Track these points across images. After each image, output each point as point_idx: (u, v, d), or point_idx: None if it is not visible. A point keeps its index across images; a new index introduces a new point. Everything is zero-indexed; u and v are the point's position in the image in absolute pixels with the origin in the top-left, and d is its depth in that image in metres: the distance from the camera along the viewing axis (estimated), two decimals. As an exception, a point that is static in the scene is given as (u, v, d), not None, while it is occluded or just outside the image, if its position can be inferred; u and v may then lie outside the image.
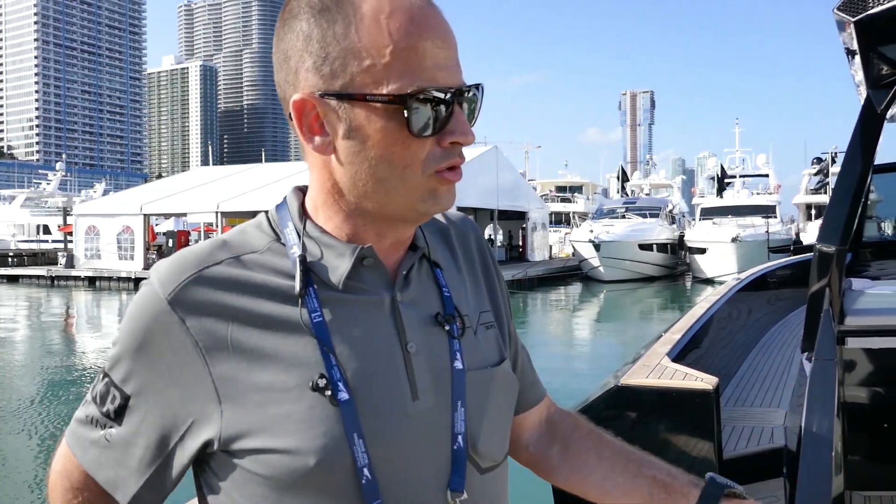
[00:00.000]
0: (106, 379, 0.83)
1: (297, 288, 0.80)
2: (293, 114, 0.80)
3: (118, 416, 0.82)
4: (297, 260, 0.82)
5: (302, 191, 0.89)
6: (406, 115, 0.76)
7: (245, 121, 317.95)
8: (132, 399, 0.81)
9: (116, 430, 0.83)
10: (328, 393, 0.77)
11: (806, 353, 2.59)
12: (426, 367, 0.84)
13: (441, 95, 0.77)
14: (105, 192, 51.40)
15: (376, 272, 0.84)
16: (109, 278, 28.92)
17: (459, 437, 0.84)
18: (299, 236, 0.84)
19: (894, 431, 3.19)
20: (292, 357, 0.79)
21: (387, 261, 0.86)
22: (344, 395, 0.78)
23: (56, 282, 30.32)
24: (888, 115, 3.10)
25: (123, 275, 28.71)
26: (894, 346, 3.09)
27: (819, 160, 44.01)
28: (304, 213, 0.86)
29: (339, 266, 0.83)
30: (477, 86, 0.83)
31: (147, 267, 27.61)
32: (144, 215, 29.82)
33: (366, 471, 0.77)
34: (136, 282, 26.98)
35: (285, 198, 0.89)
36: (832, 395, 2.22)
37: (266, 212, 0.89)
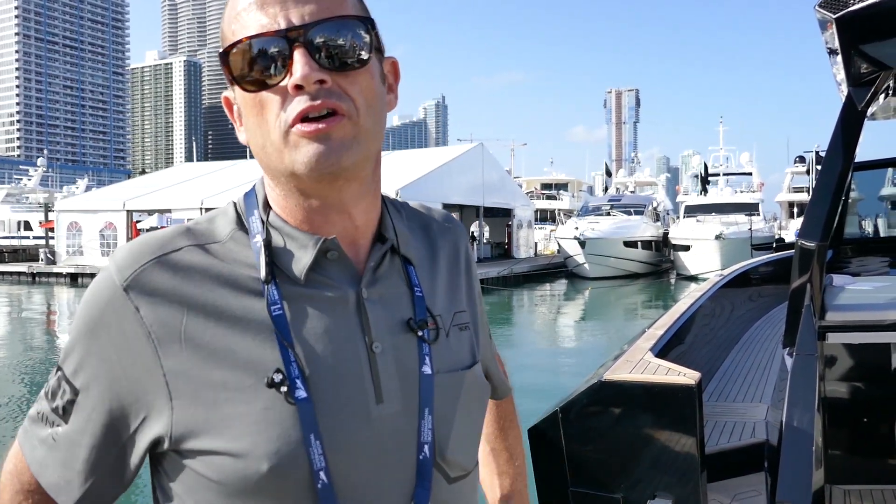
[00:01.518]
0: (59, 372, 0.79)
1: (263, 274, 0.77)
2: (226, 112, 0.85)
3: (66, 413, 0.78)
4: (262, 247, 0.78)
5: None
6: (231, 74, 0.77)
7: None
8: (80, 395, 0.77)
9: (63, 429, 0.78)
10: (284, 389, 0.73)
11: (787, 349, 2.62)
12: (392, 368, 0.80)
13: (260, 44, 0.74)
14: (87, 189, 50.86)
15: (341, 266, 0.81)
16: (92, 275, 28.61)
17: (426, 447, 0.80)
18: (263, 225, 0.81)
19: (874, 426, 3.23)
20: (249, 353, 0.75)
21: (353, 254, 0.83)
22: (301, 394, 0.74)
23: (37, 279, 29.98)
24: (869, 113, 3.13)
25: (106, 272, 28.46)
26: (874, 342, 3.12)
27: (802, 158, 44.40)
28: (268, 204, 0.84)
29: (301, 258, 0.79)
30: (339, 18, 0.76)
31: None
32: (128, 211, 29.58)
33: (322, 474, 0.73)
34: (119, 279, 26.64)
35: (254, 186, 0.86)
36: (813, 389, 2.24)
37: (234, 201, 0.86)
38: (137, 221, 34.70)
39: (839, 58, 2.72)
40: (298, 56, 0.73)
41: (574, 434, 2.22)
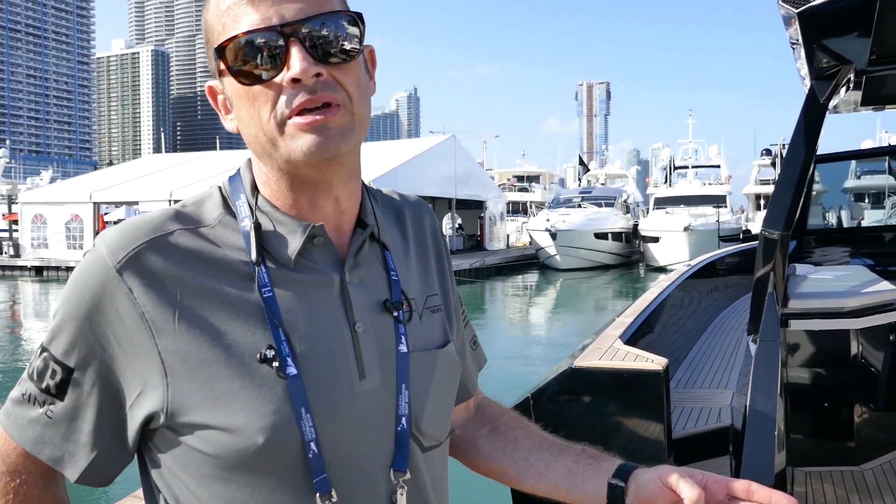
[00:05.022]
0: (44, 354, 0.81)
1: (254, 256, 0.80)
2: (211, 102, 0.87)
3: (60, 390, 0.80)
4: (252, 230, 0.82)
5: None
6: (224, 66, 0.79)
7: (199, 107, 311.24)
8: (76, 372, 0.79)
9: (59, 406, 0.80)
10: (276, 366, 0.77)
11: (751, 336, 2.68)
12: (373, 347, 0.84)
13: (256, 39, 0.77)
14: (52, 180, 49.89)
15: (326, 251, 0.84)
16: (58, 268, 28.13)
17: (403, 419, 0.85)
18: (251, 209, 0.84)
19: (833, 410, 3.33)
20: (242, 332, 0.78)
21: (337, 239, 0.86)
22: (292, 371, 0.78)
23: (1, 272, 29.36)
24: (831, 106, 3.21)
25: (72, 264, 27.81)
26: (834, 329, 3.21)
27: (768, 151, 45.13)
28: (255, 188, 0.86)
29: (290, 243, 0.83)
30: (332, 13, 0.79)
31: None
32: (94, 203, 29.06)
33: (313, 445, 0.78)
34: (86, 272, 26.24)
35: (239, 170, 0.89)
36: (776, 375, 2.30)
37: (219, 186, 0.88)
38: (104, 213, 34.14)
39: (802, 52, 2.78)
40: (295, 51, 0.76)
41: (545, 419, 2.26)
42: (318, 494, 0.78)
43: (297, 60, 0.76)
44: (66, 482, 0.87)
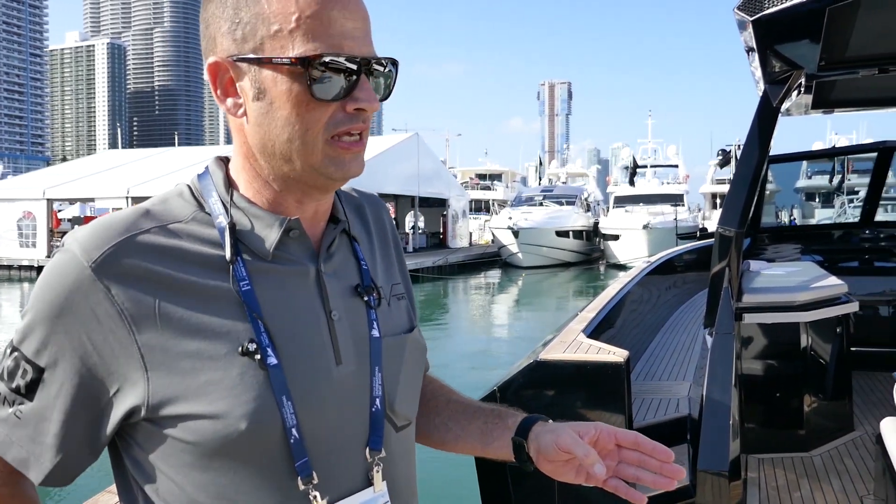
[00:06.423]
0: (15, 353, 0.80)
1: (228, 255, 0.82)
2: (209, 77, 0.84)
3: (29, 390, 0.80)
4: (227, 228, 0.83)
5: (224, 162, 0.91)
6: (308, 79, 0.79)
7: (156, 103, 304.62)
8: (46, 372, 0.79)
9: (28, 406, 0.80)
10: (258, 357, 0.80)
11: (707, 329, 2.79)
12: (348, 333, 0.88)
13: (342, 62, 0.80)
14: (3, 176, 48.39)
15: (301, 244, 0.88)
16: (9, 267, 27.31)
17: (377, 401, 0.89)
18: (225, 206, 0.85)
19: (785, 400, 3.47)
20: (221, 325, 0.80)
21: (311, 232, 0.90)
22: (273, 360, 0.80)
23: (-51, 270, 28.42)
24: (783, 109, 3.34)
25: (25, 263, 27.20)
26: (785, 321, 3.35)
27: (724, 151, 46.07)
28: (230, 184, 0.88)
29: (267, 236, 0.85)
30: (391, 60, 0.86)
31: (51, 254, 26.24)
32: (48, 200, 28.28)
33: (294, 430, 0.81)
34: (40, 270, 25.59)
35: (207, 167, 0.91)
36: (730, 367, 2.40)
37: (188, 183, 0.90)
38: (58, 211, 33.29)
39: (756, 57, 2.90)
40: (367, 86, 0.82)
41: None
42: (300, 478, 0.81)
43: (368, 94, 0.82)
44: None
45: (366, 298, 0.92)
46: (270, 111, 0.82)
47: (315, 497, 0.82)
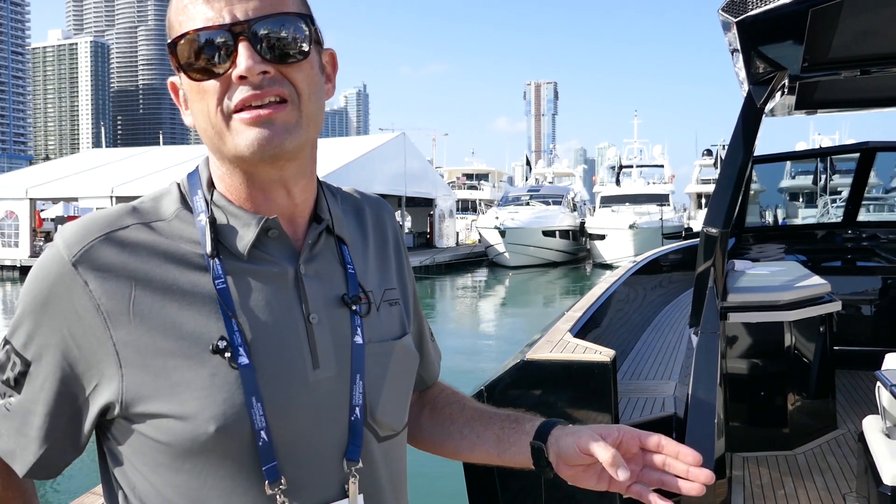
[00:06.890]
0: (7, 346, 0.82)
1: (209, 249, 0.82)
2: (173, 96, 0.89)
3: (17, 384, 0.82)
4: (207, 225, 0.84)
5: None
6: (183, 64, 0.82)
7: (140, 101, 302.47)
8: (32, 365, 0.81)
9: (16, 399, 0.82)
10: (227, 355, 0.79)
11: (693, 328, 2.80)
12: (328, 338, 0.86)
13: (201, 36, 0.80)
14: (-15, 175, 47.83)
15: (281, 243, 0.87)
16: (-8, 266, 27.06)
17: (357, 409, 0.86)
18: (207, 204, 0.86)
19: (769, 398, 3.50)
20: (195, 323, 0.80)
21: (292, 232, 0.89)
22: (244, 360, 0.80)
23: (-70, 271, 28.07)
24: (767, 109, 3.37)
25: (7, 263, 26.96)
26: (770, 321, 3.38)
27: (709, 152, 46.40)
28: (212, 183, 0.89)
29: (244, 235, 0.85)
30: (283, 14, 0.82)
31: (34, 254, 26.02)
32: (31, 199, 28.02)
33: (263, 433, 0.79)
34: (23, 270, 25.39)
35: (197, 166, 0.92)
36: (715, 366, 2.41)
37: (178, 182, 0.91)
38: (41, 210, 32.96)
39: (740, 58, 2.92)
40: (242, 49, 0.79)
41: None
42: (266, 482, 0.80)
43: (243, 58, 0.79)
44: None
45: (354, 308, 0.89)
46: (193, 111, 0.85)
47: (284, 503, 0.81)
